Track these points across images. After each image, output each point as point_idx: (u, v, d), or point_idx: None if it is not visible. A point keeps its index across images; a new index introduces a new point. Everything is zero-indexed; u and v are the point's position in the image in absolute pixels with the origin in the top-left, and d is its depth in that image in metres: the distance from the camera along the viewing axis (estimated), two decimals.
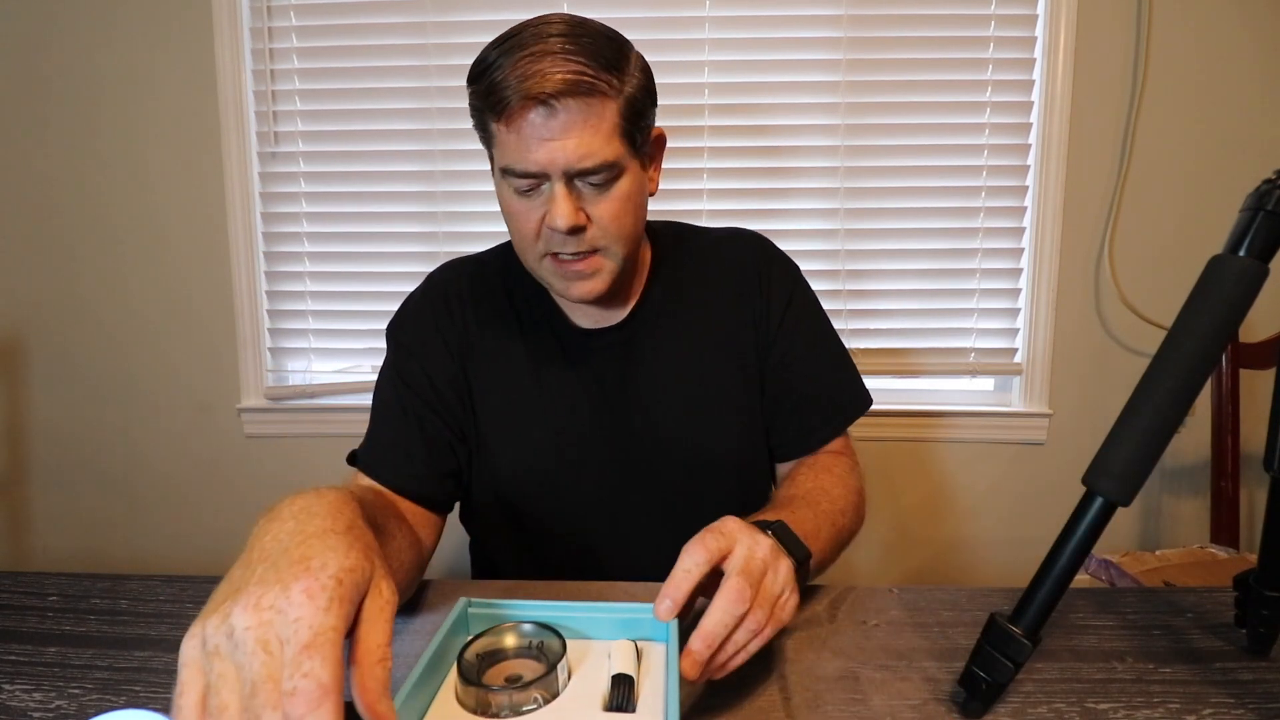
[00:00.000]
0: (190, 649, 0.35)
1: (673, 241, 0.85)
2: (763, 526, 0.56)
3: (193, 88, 1.48)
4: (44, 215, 1.55)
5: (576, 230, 0.67)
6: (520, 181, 0.66)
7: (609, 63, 0.64)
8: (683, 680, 0.47)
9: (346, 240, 1.53)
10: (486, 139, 0.69)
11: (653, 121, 0.72)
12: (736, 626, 0.48)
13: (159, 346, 1.58)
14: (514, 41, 0.63)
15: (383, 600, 0.38)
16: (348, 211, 1.52)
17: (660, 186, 1.59)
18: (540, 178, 0.66)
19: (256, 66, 1.48)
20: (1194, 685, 0.54)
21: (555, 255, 0.69)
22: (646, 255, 0.82)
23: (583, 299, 0.72)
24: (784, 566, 0.52)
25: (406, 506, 0.72)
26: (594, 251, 0.69)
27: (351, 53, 1.47)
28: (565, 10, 1.41)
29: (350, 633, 0.36)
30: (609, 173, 0.66)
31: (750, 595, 0.48)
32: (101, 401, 1.60)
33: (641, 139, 0.69)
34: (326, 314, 1.56)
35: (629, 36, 0.65)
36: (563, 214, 0.65)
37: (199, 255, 1.54)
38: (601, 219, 0.68)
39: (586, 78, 0.62)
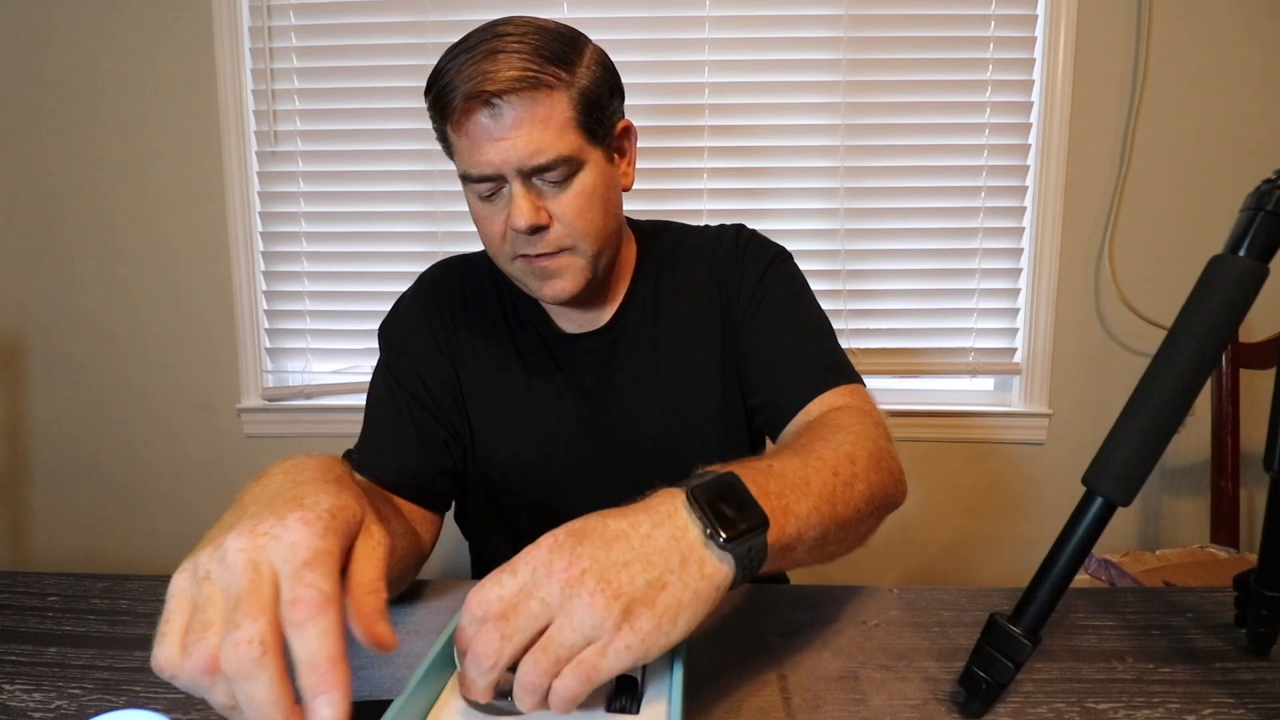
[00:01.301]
0: (180, 580, 0.36)
1: (657, 241, 0.83)
2: (694, 485, 0.43)
3: (193, 88, 1.48)
4: (44, 215, 1.55)
5: (538, 230, 0.66)
6: (480, 186, 0.66)
7: (556, 56, 0.63)
8: (686, 681, 0.46)
9: (345, 240, 1.53)
10: (448, 149, 0.69)
11: (618, 114, 0.71)
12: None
13: (159, 346, 1.58)
14: (462, 46, 0.64)
15: (374, 542, 0.39)
16: (346, 211, 1.52)
17: (660, 186, 1.59)
18: (497, 180, 0.65)
19: (256, 66, 1.48)
20: (1194, 685, 0.54)
21: (526, 255, 0.68)
22: (630, 255, 0.81)
23: (556, 299, 0.70)
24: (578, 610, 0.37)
25: (403, 504, 0.71)
26: (561, 250, 0.68)
27: (351, 53, 1.47)
28: (565, 11, 1.43)
29: (343, 575, 0.37)
30: (566, 168, 0.65)
31: (492, 638, 0.38)
32: (101, 401, 1.60)
33: (603, 131, 0.68)
34: (324, 314, 1.56)
35: (629, 37, 0.65)
36: (521, 213, 0.64)
37: (198, 255, 1.54)
38: (564, 216, 0.66)
39: (530, 72, 0.61)
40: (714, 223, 0.88)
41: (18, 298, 1.58)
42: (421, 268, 0.87)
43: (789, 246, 0.85)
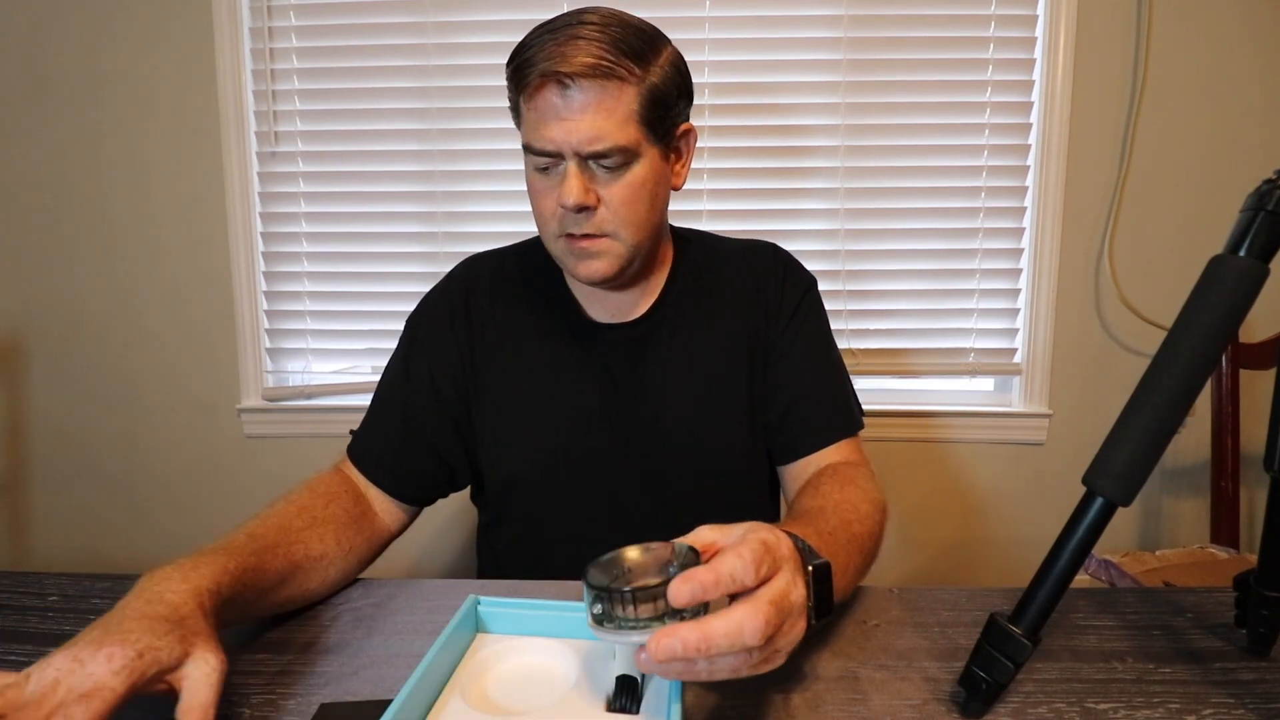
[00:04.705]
0: (34, 667, 0.43)
1: (695, 247, 0.87)
2: (807, 561, 0.46)
3: (193, 88, 1.48)
4: (44, 215, 1.55)
5: (584, 209, 0.69)
6: (539, 159, 0.69)
7: (632, 51, 0.67)
8: (685, 681, 0.47)
9: (345, 240, 1.53)
10: (517, 118, 0.73)
11: (683, 116, 0.75)
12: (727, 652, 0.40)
13: (159, 346, 1.58)
14: (549, 25, 0.68)
15: (208, 668, 0.45)
16: (347, 212, 1.52)
17: None
18: (556, 156, 0.68)
19: (256, 66, 1.48)
20: (1194, 685, 0.54)
21: (570, 235, 0.71)
22: (668, 255, 0.84)
23: (589, 279, 0.73)
24: (799, 630, 0.43)
25: (376, 494, 0.79)
26: (603, 235, 0.71)
27: (351, 53, 1.47)
28: (565, 9, 1.43)
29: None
30: (621, 157, 0.68)
31: (767, 632, 0.40)
32: (101, 402, 1.60)
33: (665, 130, 0.72)
34: (325, 314, 1.56)
35: None
36: (571, 192, 0.68)
37: (198, 255, 1.54)
38: (611, 202, 0.70)
39: (605, 62, 0.65)
40: (713, 224, 0.89)
41: (18, 298, 1.57)
42: (422, 268, 0.88)
43: (789, 246, 0.90)
